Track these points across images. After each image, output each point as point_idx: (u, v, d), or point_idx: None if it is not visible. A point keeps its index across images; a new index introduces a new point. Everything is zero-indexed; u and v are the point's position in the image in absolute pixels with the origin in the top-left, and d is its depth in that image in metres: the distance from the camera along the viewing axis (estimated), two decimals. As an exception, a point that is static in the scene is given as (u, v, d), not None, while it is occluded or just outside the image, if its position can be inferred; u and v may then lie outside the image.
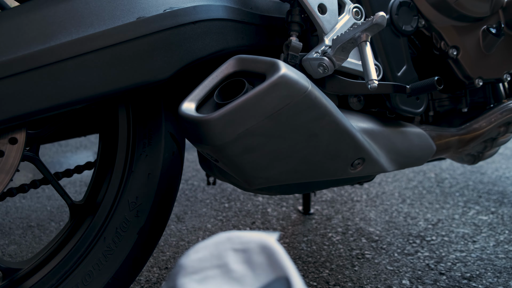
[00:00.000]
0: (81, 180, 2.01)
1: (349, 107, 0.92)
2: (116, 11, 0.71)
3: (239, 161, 0.72)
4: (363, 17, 0.88)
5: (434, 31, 0.98)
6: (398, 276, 1.17)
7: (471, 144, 1.05)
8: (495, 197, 1.73)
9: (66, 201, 0.83)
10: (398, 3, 0.92)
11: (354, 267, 1.22)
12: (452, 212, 1.60)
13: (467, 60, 0.99)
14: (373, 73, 0.75)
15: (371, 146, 0.84)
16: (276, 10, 0.87)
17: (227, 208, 1.70)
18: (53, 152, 2.52)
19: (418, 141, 0.95)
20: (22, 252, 1.36)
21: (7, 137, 0.71)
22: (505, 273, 1.18)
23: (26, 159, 0.78)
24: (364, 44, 0.74)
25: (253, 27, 0.83)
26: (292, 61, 0.80)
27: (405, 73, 0.93)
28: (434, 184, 1.91)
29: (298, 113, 0.70)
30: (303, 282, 0.43)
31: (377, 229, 1.46)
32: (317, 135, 0.75)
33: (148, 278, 1.18)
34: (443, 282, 1.14)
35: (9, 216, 1.63)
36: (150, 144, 0.83)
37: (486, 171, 2.06)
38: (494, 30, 0.99)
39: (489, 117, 1.04)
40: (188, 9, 0.75)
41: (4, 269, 0.78)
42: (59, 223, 1.57)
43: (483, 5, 0.97)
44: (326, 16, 0.82)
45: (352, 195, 1.79)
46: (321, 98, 0.72)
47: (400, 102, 0.92)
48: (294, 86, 0.68)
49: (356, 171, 0.84)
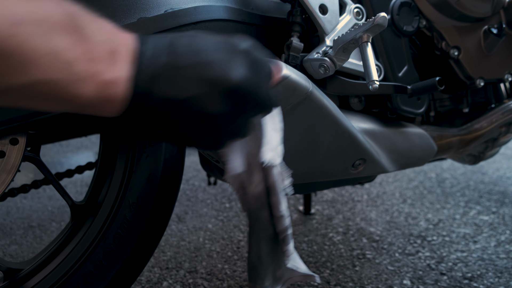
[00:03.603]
0: (82, 181, 2.02)
1: (350, 107, 0.92)
2: (117, 12, 0.71)
3: (240, 161, 0.72)
4: (364, 18, 0.88)
5: (435, 31, 0.98)
6: (399, 276, 1.17)
7: (472, 144, 1.05)
8: (496, 197, 1.73)
9: (67, 202, 0.83)
10: (399, 3, 0.92)
11: (355, 267, 1.22)
12: (453, 212, 1.60)
13: (468, 60, 0.99)
14: (374, 74, 0.74)
15: (372, 147, 0.84)
16: (277, 11, 0.87)
17: (228, 208, 1.70)
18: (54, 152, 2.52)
19: (419, 142, 0.95)
20: (23, 253, 1.36)
21: (8, 138, 0.71)
22: (506, 273, 1.17)
23: (27, 159, 0.78)
24: (365, 44, 0.74)
25: (254, 27, 0.83)
26: (293, 61, 0.80)
27: (406, 73, 0.93)
28: (435, 184, 1.91)
29: (299, 114, 0.70)
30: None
31: (378, 229, 1.46)
32: (318, 136, 0.75)
33: (149, 278, 1.19)
34: (444, 282, 1.14)
35: (10, 216, 1.63)
36: (151, 145, 0.83)
37: (487, 171, 2.05)
38: (495, 30, 0.99)
39: (490, 117, 1.04)
40: (189, 9, 0.75)
41: (5, 270, 0.78)
42: (60, 223, 1.57)
43: (485, 5, 0.97)
44: (327, 17, 0.82)
45: (353, 195, 1.79)
46: (322, 98, 0.72)
47: (401, 103, 0.92)
48: (295, 87, 0.68)
49: (357, 171, 0.84)
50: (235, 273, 1.20)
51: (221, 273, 1.21)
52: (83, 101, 0.41)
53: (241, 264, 1.25)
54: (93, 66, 0.40)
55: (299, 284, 1.14)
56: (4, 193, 0.76)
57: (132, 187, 0.82)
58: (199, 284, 1.15)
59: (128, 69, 0.42)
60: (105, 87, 0.41)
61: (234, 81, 0.45)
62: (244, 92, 0.46)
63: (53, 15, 0.39)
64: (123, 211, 0.82)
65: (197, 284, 1.15)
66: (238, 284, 1.15)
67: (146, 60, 0.43)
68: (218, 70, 0.45)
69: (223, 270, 1.22)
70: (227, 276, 1.19)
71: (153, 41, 0.45)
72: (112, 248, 0.82)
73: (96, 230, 0.81)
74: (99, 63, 0.41)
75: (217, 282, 1.16)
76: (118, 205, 0.82)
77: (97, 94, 0.41)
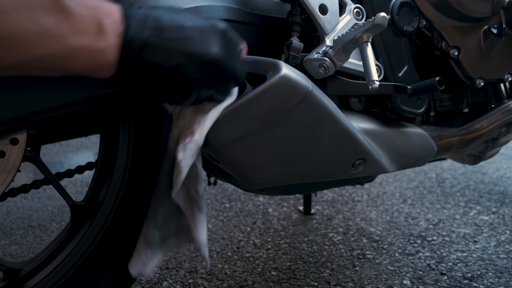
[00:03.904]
0: (82, 181, 2.02)
1: (350, 107, 0.92)
2: (117, 12, 0.71)
3: (240, 162, 0.72)
4: (364, 18, 0.88)
5: (435, 31, 0.98)
6: (399, 276, 1.17)
7: (472, 145, 1.05)
8: (496, 197, 1.73)
9: (67, 202, 0.83)
10: (399, 3, 0.92)
11: (355, 267, 1.22)
12: (453, 212, 1.60)
13: (468, 60, 0.99)
14: (374, 74, 0.74)
15: (372, 147, 0.84)
16: (277, 11, 0.87)
17: (228, 208, 1.70)
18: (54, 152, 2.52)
19: (419, 142, 0.95)
20: (23, 253, 1.36)
21: (8, 138, 0.71)
22: (506, 273, 1.18)
23: (27, 159, 0.78)
24: (365, 44, 0.74)
25: (253, 27, 0.83)
26: (293, 61, 0.80)
27: (406, 73, 0.93)
28: (435, 184, 1.91)
29: (299, 114, 0.70)
30: None
31: (378, 229, 1.46)
32: (318, 135, 0.75)
33: (149, 278, 1.19)
34: (444, 282, 1.14)
35: (10, 216, 1.63)
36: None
37: (487, 171, 2.05)
38: (495, 30, 0.98)
39: (490, 117, 1.04)
40: (189, 9, 0.75)
41: (5, 270, 0.78)
42: (60, 223, 1.57)
43: (485, 5, 0.97)
44: (327, 17, 0.82)
45: (353, 195, 1.79)
46: (322, 98, 0.72)
47: (401, 103, 0.92)
48: (295, 87, 0.68)
49: (357, 171, 0.84)
50: (235, 273, 1.20)
51: (221, 273, 1.21)
52: (79, 69, 0.49)
53: (241, 264, 1.25)
54: (82, 38, 0.47)
55: (299, 284, 1.14)
56: (4, 193, 0.76)
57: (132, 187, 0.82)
58: (199, 284, 1.15)
59: (116, 39, 0.49)
60: (96, 55, 0.48)
61: (212, 55, 0.55)
62: (220, 65, 0.56)
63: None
64: (123, 211, 0.82)
65: (197, 284, 1.15)
66: (238, 284, 1.15)
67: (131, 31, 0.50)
68: (199, 45, 0.54)
69: (223, 270, 1.22)
70: (227, 276, 1.19)
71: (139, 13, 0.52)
72: (112, 248, 0.82)
73: (96, 230, 0.81)
74: (87, 35, 0.47)
75: (217, 282, 1.16)
76: (118, 205, 0.82)
77: (90, 61, 0.48)
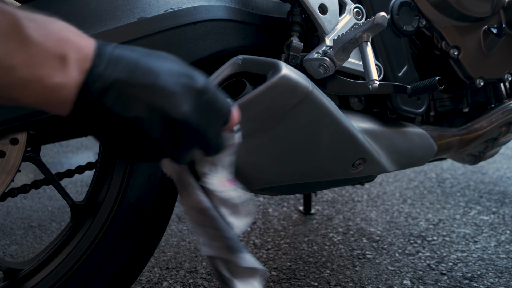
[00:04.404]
0: (82, 181, 2.02)
1: (350, 107, 0.92)
2: (117, 12, 0.71)
3: (240, 162, 0.72)
4: (364, 17, 0.88)
5: (435, 31, 0.98)
6: (399, 276, 1.17)
7: (472, 144, 1.05)
8: (496, 197, 1.73)
9: (67, 202, 0.83)
10: (399, 3, 0.92)
11: (355, 267, 1.22)
12: (453, 212, 1.60)
13: (468, 60, 0.99)
14: (374, 73, 0.74)
15: (372, 147, 0.84)
16: (276, 11, 0.87)
17: (228, 208, 1.69)
18: (54, 152, 2.52)
19: (419, 141, 0.95)
20: (23, 253, 1.36)
21: (8, 138, 0.71)
22: (506, 273, 1.17)
23: (27, 159, 0.78)
24: (365, 44, 0.74)
25: (254, 27, 0.83)
26: (293, 61, 0.80)
27: (406, 73, 0.93)
28: (435, 184, 1.91)
29: (299, 114, 0.70)
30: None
31: (378, 229, 1.46)
32: (318, 135, 0.75)
33: (149, 278, 1.19)
34: (444, 282, 1.14)
35: (10, 217, 1.63)
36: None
37: (487, 171, 2.05)
38: (495, 30, 0.98)
39: (490, 117, 1.04)
40: (189, 9, 0.75)
41: (5, 270, 0.78)
42: (60, 224, 1.57)
43: (484, 5, 0.97)
44: (327, 16, 0.82)
45: (353, 195, 1.79)
46: (322, 98, 0.72)
47: (401, 102, 0.92)
48: (295, 87, 0.68)
49: (357, 171, 0.84)
50: (235, 273, 1.20)
51: (221, 273, 1.21)
52: (28, 102, 0.44)
53: (241, 264, 1.25)
54: (37, 70, 0.42)
55: (299, 284, 1.14)
56: (4, 193, 0.76)
57: (132, 187, 0.82)
58: (199, 284, 1.15)
59: (79, 75, 0.44)
60: (49, 91, 0.43)
61: (179, 115, 0.47)
62: (187, 128, 0.48)
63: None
64: (123, 211, 0.82)
65: (197, 284, 1.15)
66: (238, 284, 1.15)
67: (98, 70, 0.44)
68: (167, 99, 0.46)
69: (223, 270, 1.22)
70: (227, 276, 1.19)
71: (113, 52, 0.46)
72: (112, 248, 0.82)
73: (96, 230, 0.81)
74: (44, 68, 0.42)
75: (217, 282, 1.16)
76: (118, 205, 0.82)
77: (41, 96, 0.43)
